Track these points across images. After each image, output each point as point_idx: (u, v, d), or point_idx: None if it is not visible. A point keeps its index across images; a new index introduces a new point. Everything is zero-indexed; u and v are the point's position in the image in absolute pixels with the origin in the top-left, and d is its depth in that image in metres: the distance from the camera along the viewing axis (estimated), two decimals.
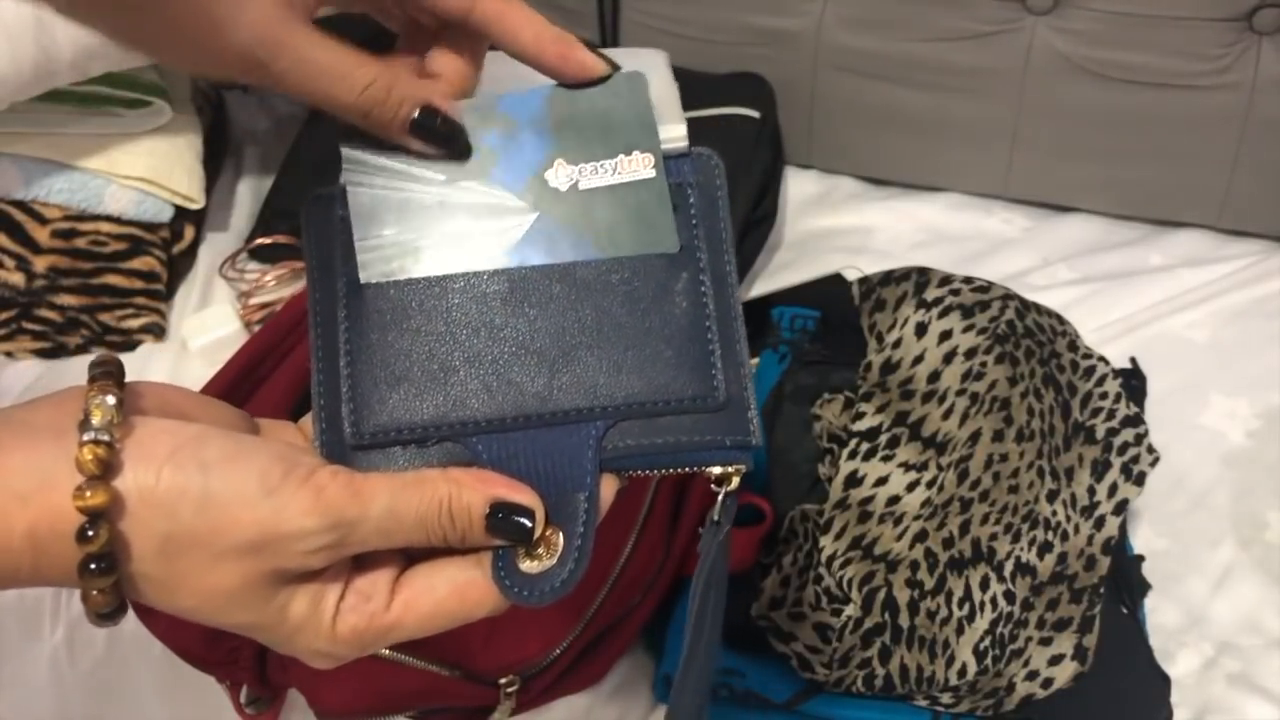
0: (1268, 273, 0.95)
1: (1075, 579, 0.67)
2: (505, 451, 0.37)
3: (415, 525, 0.34)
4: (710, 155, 0.41)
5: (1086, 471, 0.71)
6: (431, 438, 0.37)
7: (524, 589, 0.35)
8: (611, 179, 0.39)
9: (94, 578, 0.32)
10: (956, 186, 1.05)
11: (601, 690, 0.70)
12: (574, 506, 0.36)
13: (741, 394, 0.38)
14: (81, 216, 0.87)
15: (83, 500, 0.31)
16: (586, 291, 0.38)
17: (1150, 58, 0.93)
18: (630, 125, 0.40)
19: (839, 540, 0.67)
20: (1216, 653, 0.72)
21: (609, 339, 0.38)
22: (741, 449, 0.38)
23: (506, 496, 0.35)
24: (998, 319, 0.74)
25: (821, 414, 0.74)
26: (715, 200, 0.41)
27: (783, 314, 0.83)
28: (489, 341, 0.38)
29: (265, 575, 0.33)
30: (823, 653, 0.64)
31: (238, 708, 0.64)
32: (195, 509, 0.32)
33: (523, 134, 0.39)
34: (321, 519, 0.33)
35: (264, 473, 0.33)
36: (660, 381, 0.37)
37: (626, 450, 0.37)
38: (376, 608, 0.35)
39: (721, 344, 0.38)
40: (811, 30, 1.01)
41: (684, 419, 0.38)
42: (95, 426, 0.32)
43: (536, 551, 0.36)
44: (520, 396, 0.37)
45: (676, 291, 0.39)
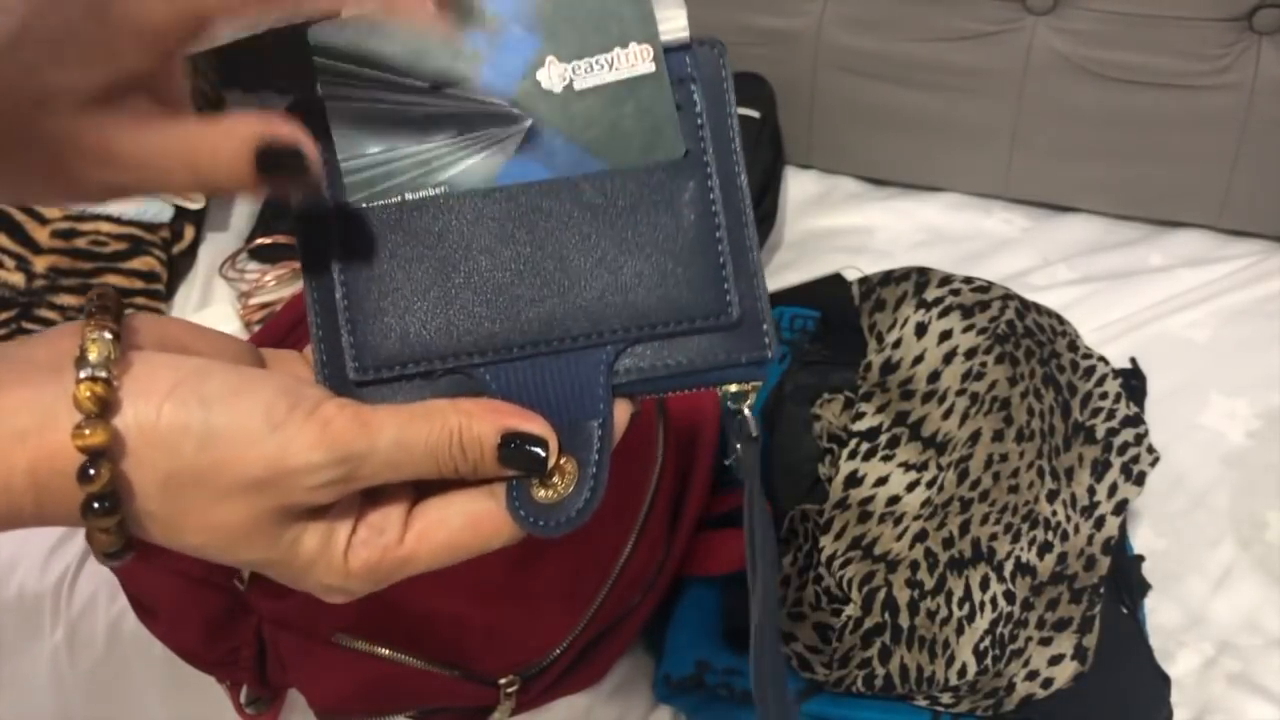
0: (1268, 273, 0.95)
1: (1075, 579, 0.67)
2: (515, 381, 0.36)
3: (425, 457, 0.34)
4: (714, 44, 0.39)
5: (1086, 471, 0.71)
6: (438, 370, 0.36)
7: (540, 519, 0.35)
8: (609, 76, 0.37)
9: (97, 517, 0.31)
10: (956, 186, 1.05)
11: (601, 690, 0.70)
12: (588, 434, 0.35)
13: (755, 307, 0.37)
14: (81, 216, 0.87)
15: (82, 439, 0.30)
16: (589, 208, 0.36)
17: (1150, 58, 0.93)
18: (625, 14, 0.37)
19: (839, 540, 0.67)
20: (1216, 653, 0.72)
21: (615, 257, 0.36)
22: (758, 364, 0.37)
23: (518, 426, 0.34)
24: (998, 319, 0.74)
25: (821, 414, 0.74)
26: (722, 96, 0.38)
27: (783, 314, 0.83)
28: (491, 266, 0.36)
29: (273, 511, 0.32)
30: (823, 653, 0.64)
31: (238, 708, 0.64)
32: (198, 445, 0.31)
33: (509, 31, 0.36)
34: (328, 453, 0.32)
35: (268, 407, 0.32)
36: (671, 300, 0.36)
37: (639, 374, 0.36)
38: (389, 541, 0.34)
39: (733, 256, 0.37)
40: (811, 30, 1.01)
41: (697, 338, 0.36)
42: (92, 363, 0.31)
43: (551, 481, 0.35)
44: (526, 323, 0.36)
45: (684, 203, 0.37)
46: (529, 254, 0.36)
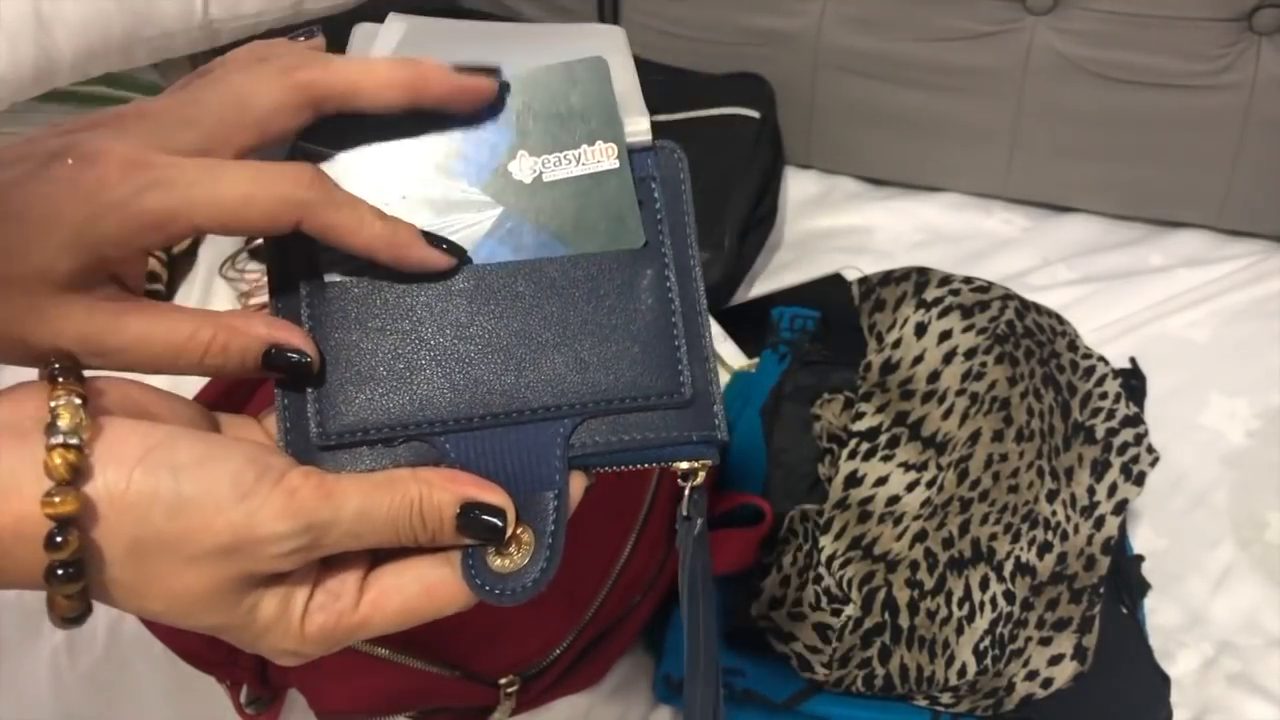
0: (1268, 273, 0.95)
1: (1075, 579, 0.67)
2: (473, 450, 0.37)
3: (386, 526, 0.34)
4: (673, 148, 0.41)
5: (1086, 471, 0.71)
6: (399, 437, 0.37)
7: (495, 587, 0.35)
8: (576, 170, 0.39)
9: (61, 584, 0.31)
10: (956, 186, 1.05)
11: (601, 690, 0.70)
12: (544, 505, 0.36)
13: (707, 389, 0.38)
14: None
15: (52, 508, 0.30)
16: (552, 289, 0.38)
17: (1150, 58, 0.93)
18: (593, 114, 0.39)
19: (839, 540, 0.67)
20: (1216, 653, 0.72)
21: (575, 336, 0.38)
22: (707, 444, 0.38)
23: (477, 496, 0.35)
24: (997, 319, 0.74)
25: (821, 414, 0.74)
26: (679, 194, 0.41)
27: (783, 314, 0.83)
28: (455, 340, 0.37)
29: (236, 578, 0.33)
30: (822, 652, 0.65)
31: (238, 708, 0.64)
32: (167, 513, 0.31)
33: (485, 126, 0.39)
34: (294, 522, 0.32)
35: (236, 476, 0.32)
36: (627, 378, 0.38)
37: (595, 448, 0.37)
38: (345, 606, 0.35)
39: (687, 340, 0.39)
40: (811, 30, 1.01)
41: (651, 415, 0.38)
42: (63, 430, 0.31)
43: (508, 550, 0.36)
44: (487, 395, 0.37)
45: (642, 288, 0.39)
46: (493, 330, 0.37)
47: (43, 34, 0.76)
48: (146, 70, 0.88)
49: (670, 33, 1.05)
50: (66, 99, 0.85)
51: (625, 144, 0.39)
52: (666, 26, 1.05)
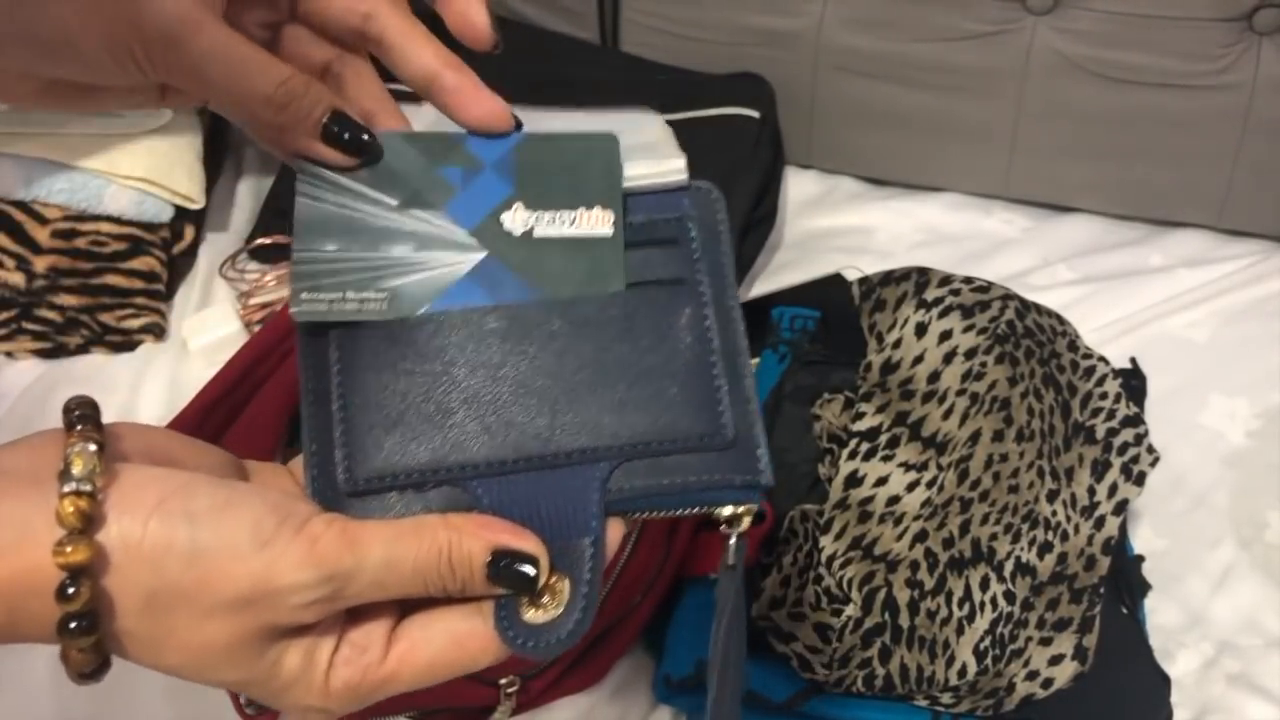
0: (1268, 273, 0.95)
1: (1075, 579, 0.67)
2: (507, 495, 0.35)
3: (413, 576, 0.33)
4: (710, 189, 0.40)
5: (1086, 471, 0.71)
6: (429, 482, 0.35)
7: (528, 639, 0.34)
8: (568, 230, 0.38)
9: (74, 636, 0.30)
10: (956, 186, 1.05)
11: (601, 690, 0.70)
12: (579, 552, 0.35)
13: (750, 431, 0.37)
14: (81, 217, 0.87)
15: (63, 557, 0.29)
16: (588, 327, 0.37)
17: (1150, 58, 0.93)
18: (596, 182, 0.38)
19: (839, 540, 0.67)
20: (1216, 653, 0.72)
21: (612, 376, 0.36)
22: (751, 489, 0.37)
23: (509, 544, 0.34)
24: (998, 319, 0.74)
25: (821, 414, 0.74)
26: (717, 234, 0.39)
27: (783, 314, 0.83)
28: (487, 381, 0.36)
29: (257, 631, 0.32)
30: (823, 653, 0.65)
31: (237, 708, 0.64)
32: (183, 563, 0.30)
33: (485, 174, 0.38)
34: (316, 571, 0.31)
35: (256, 523, 0.31)
36: (666, 420, 0.36)
37: (633, 492, 0.36)
38: (371, 660, 0.34)
39: (729, 379, 0.37)
40: (811, 30, 1.01)
41: (691, 458, 0.36)
42: (76, 477, 0.30)
43: (541, 601, 0.34)
44: (521, 437, 0.35)
45: (680, 326, 0.37)
46: (527, 370, 0.36)
47: None
48: None
49: (670, 33, 1.05)
50: None
51: (623, 216, 0.38)
52: (666, 26, 1.05)
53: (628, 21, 1.07)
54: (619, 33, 1.08)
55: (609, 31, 1.08)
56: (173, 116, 0.89)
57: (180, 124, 0.90)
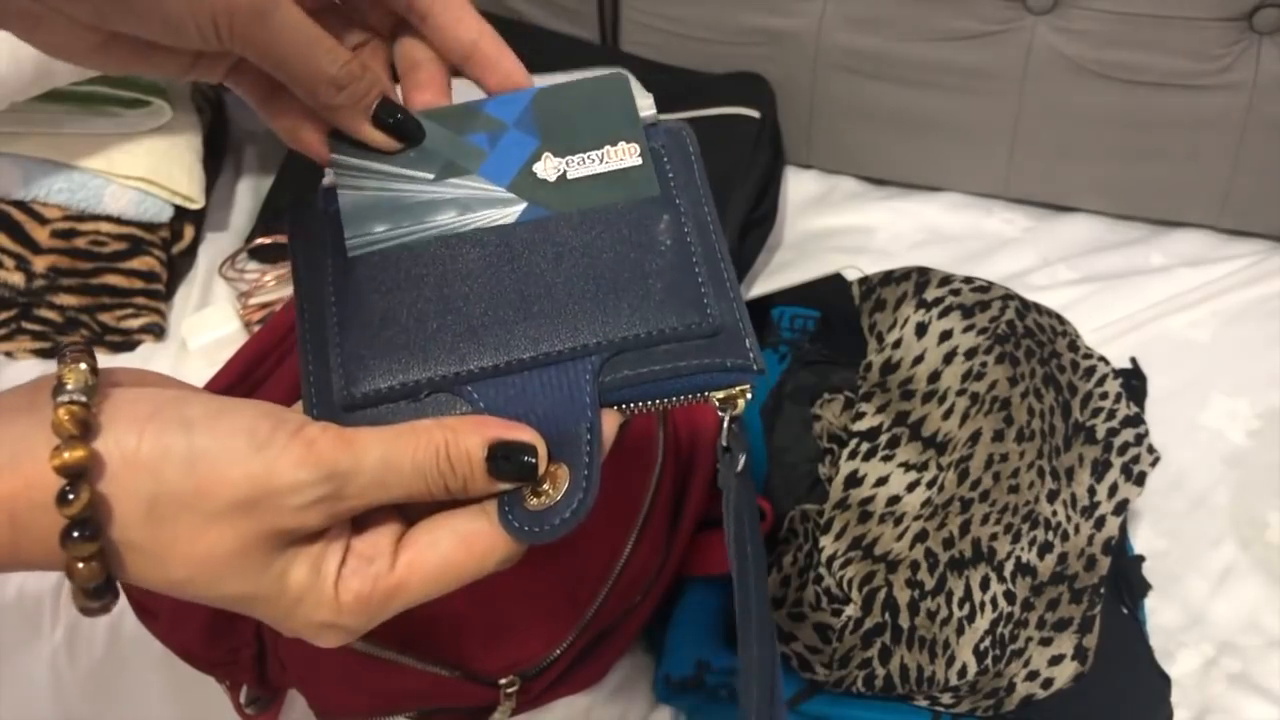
0: (1268, 273, 0.95)
1: (1075, 579, 0.67)
2: (501, 396, 0.36)
3: (413, 474, 0.33)
4: (681, 127, 0.42)
5: (1087, 471, 0.71)
6: (424, 390, 0.37)
7: (533, 525, 0.35)
8: (599, 168, 0.40)
9: (77, 544, 0.30)
10: (956, 186, 1.05)
11: (601, 690, 0.70)
12: (576, 439, 0.36)
13: (735, 322, 0.38)
14: (81, 216, 0.87)
15: (60, 459, 0.29)
16: (571, 239, 0.39)
17: (1150, 58, 0.93)
18: (615, 118, 0.41)
19: (839, 540, 0.67)
20: (1216, 653, 0.72)
21: (597, 282, 0.38)
22: (742, 370, 0.38)
23: (505, 435, 0.34)
24: (998, 319, 0.74)
25: (821, 414, 0.74)
26: (689, 163, 0.42)
27: (783, 314, 0.83)
28: (480, 295, 0.38)
29: (260, 536, 0.32)
30: (823, 653, 0.64)
31: (238, 708, 0.64)
32: (181, 468, 0.31)
33: (509, 132, 0.40)
34: (314, 470, 0.32)
35: (251, 428, 0.32)
36: (651, 314, 0.38)
37: (624, 380, 0.37)
38: (380, 569, 0.34)
39: (710, 279, 0.39)
40: (811, 30, 1.01)
41: (680, 346, 0.37)
42: (70, 389, 0.30)
43: (543, 489, 0.35)
44: (513, 343, 0.37)
45: (660, 232, 0.39)
46: (515, 282, 0.38)
47: None
48: None
49: (670, 33, 1.05)
50: (66, 99, 0.85)
51: (647, 144, 0.40)
52: (666, 26, 1.05)
53: (628, 21, 1.07)
54: (619, 33, 1.08)
55: (609, 31, 1.08)
56: (172, 116, 0.89)
57: (180, 124, 0.90)
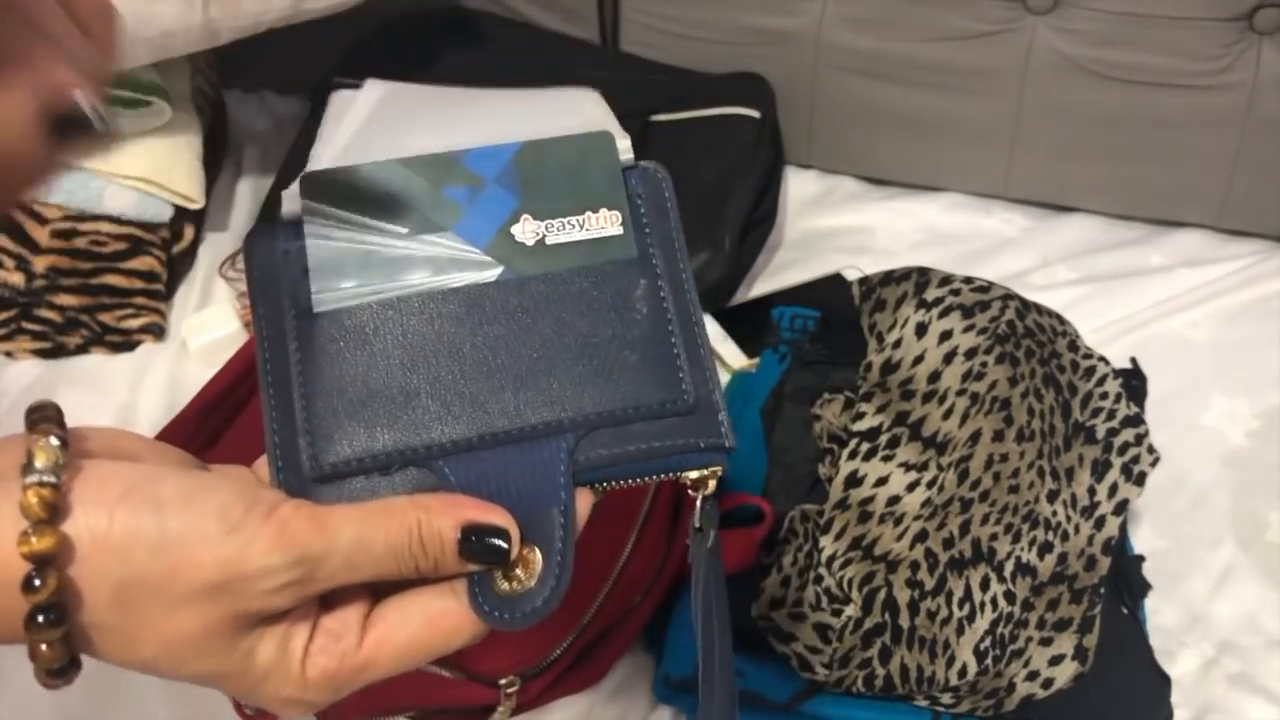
0: (1268, 273, 0.95)
1: (1075, 579, 0.67)
2: (474, 473, 0.35)
3: (385, 556, 0.33)
4: (656, 168, 0.41)
5: (1087, 472, 0.71)
6: (395, 464, 0.35)
7: (503, 612, 0.34)
8: (579, 234, 0.39)
9: (42, 630, 0.29)
10: (956, 186, 1.05)
11: (601, 690, 0.70)
12: (550, 523, 0.35)
13: (710, 396, 0.38)
14: (81, 216, 0.87)
15: (28, 546, 0.29)
16: (545, 303, 0.37)
17: (1150, 58, 0.93)
18: (598, 182, 0.39)
19: (839, 540, 0.67)
20: (1216, 653, 0.72)
21: (571, 350, 0.37)
22: (715, 450, 0.37)
23: (478, 518, 0.34)
24: (998, 319, 0.74)
25: (821, 414, 0.74)
26: (665, 210, 0.40)
27: (783, 314, 0.83)
28: (450, 362, 0.36)
29: (229, 619, 0.31)
30: (823, 653, 0.64)
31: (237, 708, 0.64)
32: (151, 551, 0.30)
33: (488, 189, 0.39)
34: (286, 554, 0.31)
35: (225, 509, 0.31)
36: (627, 388, 0.37)
37: (599, 460, 0.36)
38: (348, 647, 0.33)
39: (685, 348, 0.38)
40: (811, 30, 1.01)
41: (654, 424, 0.37)
42: (39, 469, 0.30)
43: (514, 573, 0.34)
44: (485, 415, 0.36)
45: (635, 298, 0.38)
46: (488, 349, 0.37)
47: None
48: (146, 70, 0.88)
49: (670, 33, 1.05)
50: None
51: (629, 213, 0.39)
52: (666, 26, 1.05)
53: (628, 21, 1.07)
54: (619, 32, 1.08)
55: (609, 31, 1.08)
56: (172, 116, 0.89)
57: (180, 124, 0.90)
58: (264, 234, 0.39)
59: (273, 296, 0.38)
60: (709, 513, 0.38)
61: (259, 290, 0.38)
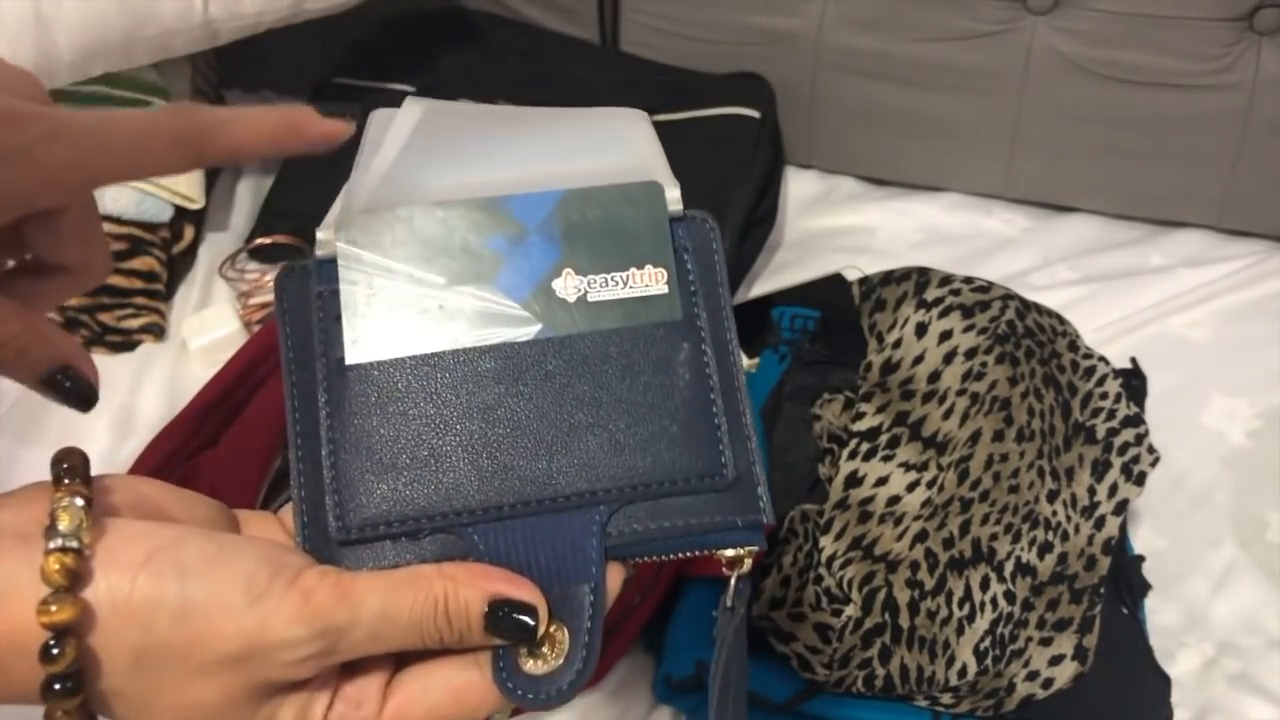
0: (1268, 273, 0.95)
1: (1075, 579, 0.67)
2: (504, 541, 0.34)
3: (409, 628, 0.32)
4: (705, 219, 0.39)
5: (1087, 471, 0.71)
6: (424, 529, 0.34)
7: (528, 691, 0.33)
8: (622, 292, 0.37)
9: (59, 699, 0.29)
10: (956, 186, 1.05)
11: (601, 690, 0.70)
12: (579, 600, 0.34)
13: (750, 470, 0.36)
14: None
15: (48, 616, 0.28)
16: (584, 366, 0.36)
17: (1150, 58, 0.93)
18: (644, 237, 0.37)
19: (839, 540, 0.67)
20: (1216, 653, 0.72)
21: (609, 415, 0.36)
22: (753, 529, 0.36)
23: (507, 593, 0.33)
24: (998, 319, 0.74)
25: (821, 414, 0.74)
26: (713, 265, 0.38)
27: (783, 314, 0.83)
28: (482, 423, 0.35)
29: (249, 689, 0.30)
30: (823, 653, 0.64)
31: None
32: (173, 619, 0.29)
33: (530, 239, 0.37)
34: (310, 626, 0.30)
35: (249, 578, 0.30)
36: (665, 460, 0.35)
37: (633, 536, 0.35)
38: (367, 715, 0.32)
39: (728, 417, 0.36)
40: (811, 30, 1.01)
41: (692, 500, 0.35)
42: (63, 533, 0.29)
43: (540, 651, 0.33)
44: (518, 482, 0.35)
45: (678, 363, 0.37)
46: (522, 412, 0.35)
47: (42, 34, 0.76)
48: (146, 70, 0.88)
49: (670, 33, 1.05)
50: (66, 98, 0.84)
51: (674, 270, 0.37)
52: (666, 26, 1.05)
53: (628, 21, 1.07)
54: (619, 33, 1.08)
55: (609, 31, 1.08)
56: None
57: None
58: (296, 274, 0.38)
59: (303, 341, 0.37)
60: (741, 591, 0.37)
61: (290, 334, 0.37)
